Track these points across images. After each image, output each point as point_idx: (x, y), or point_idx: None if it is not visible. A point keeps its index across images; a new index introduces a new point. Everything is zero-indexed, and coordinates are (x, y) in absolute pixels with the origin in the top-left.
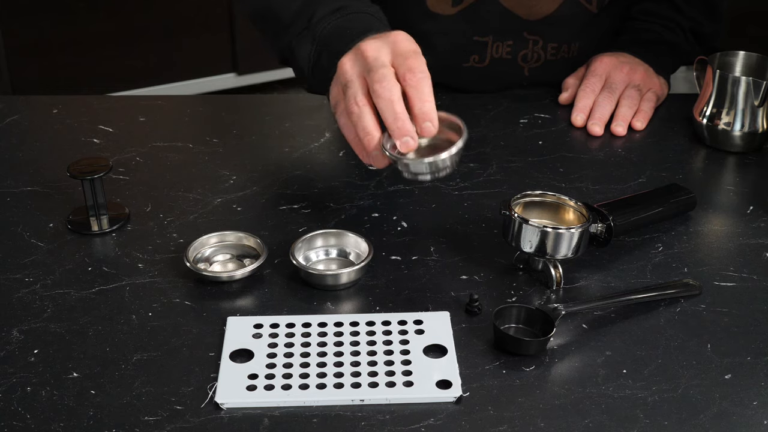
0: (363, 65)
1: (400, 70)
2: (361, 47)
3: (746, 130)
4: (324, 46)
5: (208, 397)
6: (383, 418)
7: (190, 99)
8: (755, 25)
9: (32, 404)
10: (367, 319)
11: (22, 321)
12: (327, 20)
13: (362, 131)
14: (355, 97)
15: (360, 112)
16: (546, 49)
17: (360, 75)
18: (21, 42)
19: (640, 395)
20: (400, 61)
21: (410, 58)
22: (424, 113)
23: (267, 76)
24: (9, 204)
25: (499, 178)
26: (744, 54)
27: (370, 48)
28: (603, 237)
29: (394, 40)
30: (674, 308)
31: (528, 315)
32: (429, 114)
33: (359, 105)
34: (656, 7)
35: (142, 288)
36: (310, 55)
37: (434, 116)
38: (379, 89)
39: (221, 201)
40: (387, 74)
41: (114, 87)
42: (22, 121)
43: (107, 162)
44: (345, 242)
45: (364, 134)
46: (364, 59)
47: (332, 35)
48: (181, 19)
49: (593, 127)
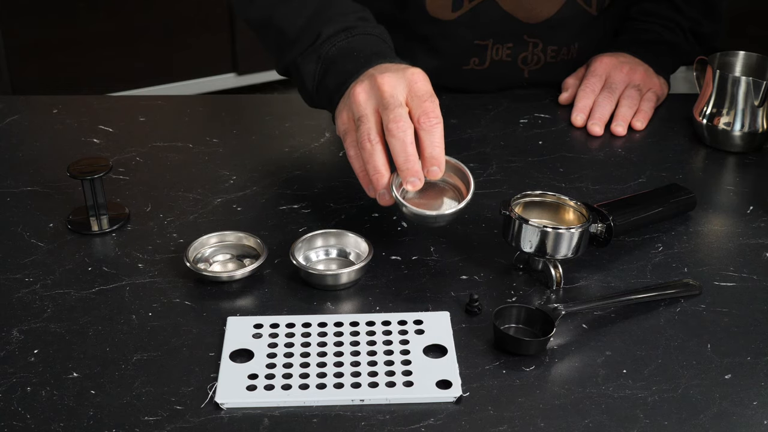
0: (378, 100)
1: (416, 112)
2: (377, 80)
3: (746, 130)
4: (330, 65)
5: (208, 397)
6: (383, 418)
7: (190, 99)
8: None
9: (32, 404)
10: (367, 319)
11: (22, 321)
12: (333, 40)
13: (373, 169)
14: (368, 134)
15: (372, 150)
16: (546, 52)
17: (375, 110)
18: (21, 42)
19: (640, 395)
20: (416, 103)
21: (426, 101)
22: (433, 157)
23: (267, 76)
24: (9, 204)
25: (499, 178)
26: (744, 54)
27: (386, 83)
28: (603, 237)
29: (411, 78)
30: (674, 308)
31: (528, 315)
32: (438, 159)
33: (372, 142)
34: (656, 8)
35: (142, 288)
36: (316, 74)
37: (442, 161)
38: (395, 129)
39: (221, 201)
40: (403, 114)
41: (114, 87)
42: (22, 121)
43: (107, 162)
44: (345, 242)
45: (374, 172)
46: (380, 94)
47: (339, 56)
48: (181, 19)
49: (593, 127)
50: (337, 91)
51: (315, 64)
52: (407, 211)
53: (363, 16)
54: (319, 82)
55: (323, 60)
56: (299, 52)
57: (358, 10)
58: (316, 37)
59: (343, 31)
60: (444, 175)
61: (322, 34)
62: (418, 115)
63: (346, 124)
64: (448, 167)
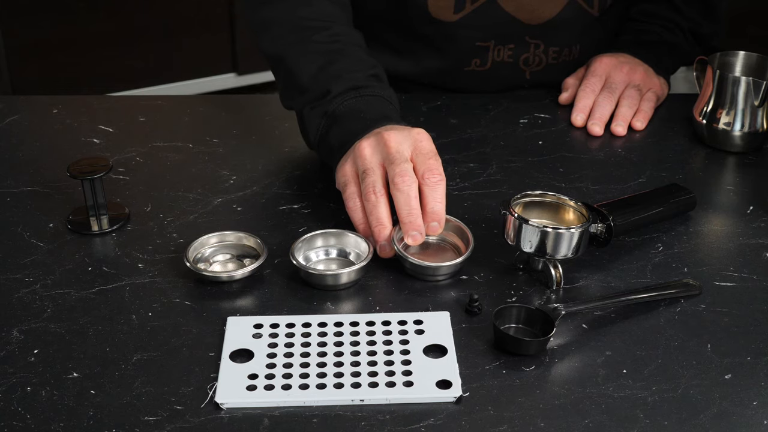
0: (384, 155)
1: (420, 168)
2: (383, 136)
3: (746, 130)
4: (334, 122)
5: (208, 397)
6: (383, 418)
7: (190, 99)
8: (755, 25)
9: (32, 404)
10: (367, 319)
11: (22, 321)
12: (341, 98)
13: (376, 220)
14: (374, 186)
15: (377, 201)
16: (547, 53)
17: (380, 164)
18: (21, 42)
19: (640, 395)
20: (421, 160)
21: (431, 159)
22: (434, 212)
23: (267, 76)
24: (9, 204)
25: (499, 178)
26: (744, 54)
27: (392, 139)
28: (603, 237)
29: (416, 138)
30: (674, 308)
31: (528, 315)
32: (439, 214)
33: (377, 194)
34: (655, 8)
35: (142, 288)
36: (320, 128)
37: (443, 217)
38: (400, 183)
39: (221, 201)
40: (408, 170)
41: (114, 87)
42: (22, 121)
43: (107, 162)
44: (345, 242)
45: (377, 223)
46: (386, 149)
47: (345, 115)
48: (181, 19)
49: (593, 127)
50: (339, 148)
51: (320, 118)
52: (408, 263)
53: (375, 74)
54: (322, 137)
55: (329, 116)
56: (306, 103)
57: (370, 66)
58: (325, 93)
59: (353, 89)
60: (445, 234)
61: (331, 91)
62: (423, 171)
63: (348, 176)
64: (449, 227)
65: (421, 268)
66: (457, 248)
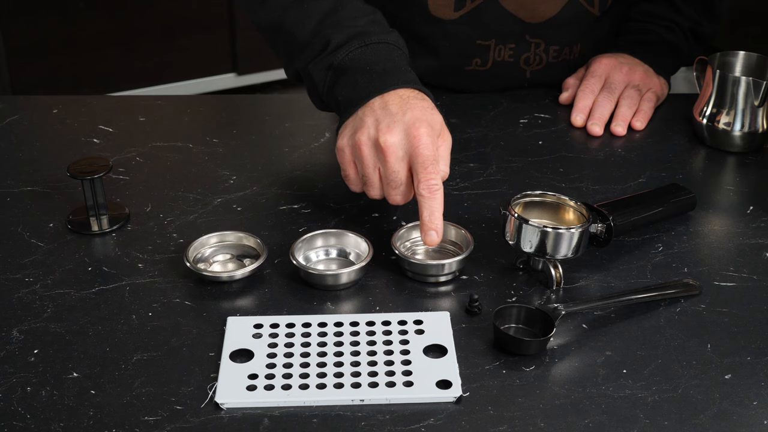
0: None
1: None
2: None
3: (746, 130)
4: (341, 73)
5: (208, 397)
6: (383, 418)
7: (190, 99)
8: (755, 25)
9: (32, 404)
10: (367, 319)
11: (22, 321)
12: (345, 49)
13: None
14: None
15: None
16: (548, 52)
17: (377, 169)
18: (21, 42)
19: (640, 395)
20: (418, 169)
21: (428, 167)
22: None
23: (267, 76)
24: (9, 204)
25: (499, 178)
26: (744, 54)
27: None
28: (603, 237)
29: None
30: (674, 308)
31: (528, 315)
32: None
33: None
34: (655, 8)
35: (142, 288)
36: (326, 82)
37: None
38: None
39: (221, 201)
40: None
41: (114, 87)
42: (22, 121)
43: (107, 162)
44: (345, 242)
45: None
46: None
47: (351, 68)
48: (181, 19)
49: (593, 127)
50: (345, 107)
51: (325, 71)
52: (409, 265)
53: (374, 19)
54: (329, 90)
55: (335, 69)
56: (310, 58)
57: (369, 12)
58: (326, 44)
59: (354, 37)
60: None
61: (332, 41)
62: (418, 183)
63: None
64: (448, 231)
65: (420, 267)
66: (456, 252)
